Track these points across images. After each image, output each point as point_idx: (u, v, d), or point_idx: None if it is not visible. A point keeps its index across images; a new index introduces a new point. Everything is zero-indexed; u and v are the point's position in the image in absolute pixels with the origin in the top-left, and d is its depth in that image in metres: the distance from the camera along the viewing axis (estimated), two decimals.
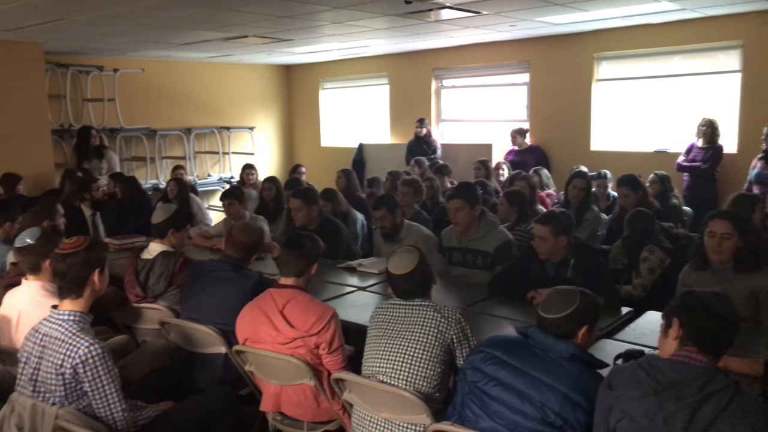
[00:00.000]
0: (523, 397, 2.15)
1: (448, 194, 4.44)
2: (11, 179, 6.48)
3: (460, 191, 4.28)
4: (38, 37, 6.84)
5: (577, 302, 2.24)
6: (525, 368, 2.19)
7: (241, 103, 10.45)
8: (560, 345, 2.20)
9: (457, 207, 4.14)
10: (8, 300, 3.18)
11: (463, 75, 9.16)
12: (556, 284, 2.46)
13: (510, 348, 2.29)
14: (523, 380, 2.17)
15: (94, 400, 2.44)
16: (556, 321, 2.23)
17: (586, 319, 2.25)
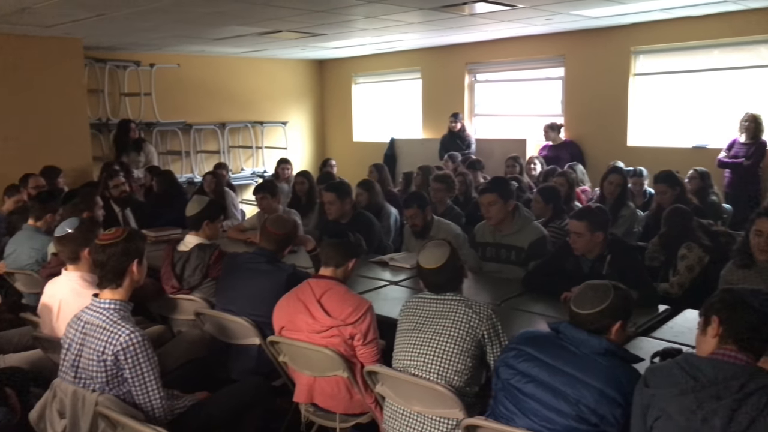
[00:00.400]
0: (557, 394, 2.13)
1: (480, 188, 4.41)
2: (52, 172, 6.63)
3: (493, 185, 4.25)
4: (78, 33, 6.98)
5: (610, 297, 2.21)
6: (558, 365, 2.17)
7: (274, 98, 10.53)
8: (593, 340, 2.17)
9: (489, 201, 4.11)
10: (49, 289, 3.26)
11: (496, 69, 9.08)
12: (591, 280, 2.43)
13: (542, 344, 2.27)
14: (557, 377, 2.15)
15: (133, 387, 2.49)
16: (589, 316, 2.21)
17: (620, 314, 2.22)
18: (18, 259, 4.42)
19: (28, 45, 6.98)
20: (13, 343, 3.75)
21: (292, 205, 6.18)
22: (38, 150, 7.02)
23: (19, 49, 6.93)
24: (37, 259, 4.32)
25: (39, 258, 4.32)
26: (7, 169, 6.48)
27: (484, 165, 7.25)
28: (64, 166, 6.89)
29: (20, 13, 5.60)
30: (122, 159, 7.89)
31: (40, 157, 6.86)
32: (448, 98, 9.33)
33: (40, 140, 7.12)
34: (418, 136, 9.81)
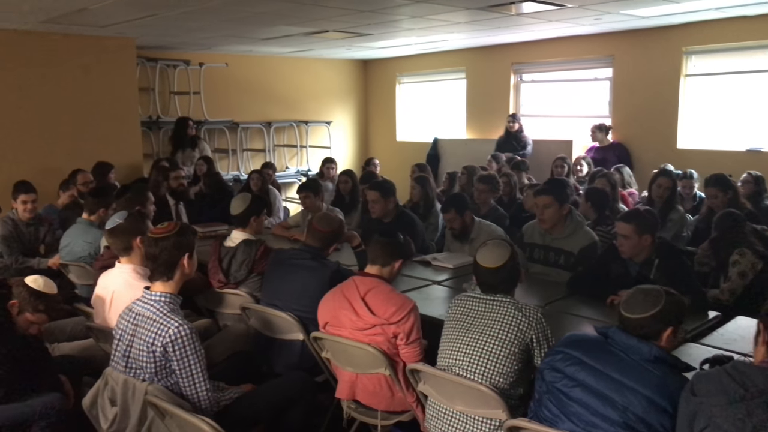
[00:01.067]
0: (605, 400, 2.10)
1: (536, 189, 4.34)
2: (103, 168, 6.83)
3: (550, 187, 4.18)
4: (131, 33, 7.17)
5: (662, 302, 2.16)
6: (606, 370, 2.14)
7: (319, 97, 10.62)
8: (643, 347, 2.13)
9: (545, 203, 4.05)
10: (102, 281, 3.37)
11: (542, 69, 8.97)
12: (638, 285, 2.38)
13: (589, 349, 2.23)
14: (604, 382, 2.12)
15: (181, 379, 2.55)
16: (640, 321, 2.16)
17: (672, 319, 2.17)
18: (72, 252, 4.58)
19: (84, 44, 7.19)
20: (66, 332, 3.88)
21: (336, 204, 6.23)
22: (92, 146, 7.23)
23: (75, 48, 7.15)
24: (90, 252, 4.47)
25: (92, 251, 4.46)
26: (62, 164, 6.70)
27: (530, 166, 7.18)
28: (115, 162, 7.08)
29: (78, 13, 5.78)
30: (178, 155, 8.08)
31: (93, 153, 7.08)
32: (493, 98, 9.27)
33: (94, 137, 7.33)
34: (462, 136, 9.77)
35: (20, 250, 5.06)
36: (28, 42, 6.81)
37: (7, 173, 6.41)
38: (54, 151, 7.03)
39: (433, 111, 10.59)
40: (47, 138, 7.02)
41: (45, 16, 5.95)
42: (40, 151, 6.96)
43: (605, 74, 8.25)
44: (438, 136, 9.89)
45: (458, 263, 4.29)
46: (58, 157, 6.97)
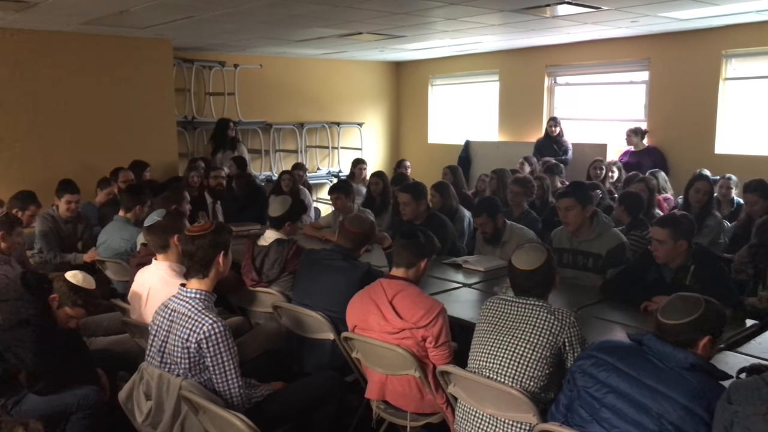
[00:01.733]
0: (638, 408, 2.07)
1: (558, 193, 4.33)
2: (140, 166, 6.97)
3: (571, 190, 4.18)
4: (168, 34, 7.30)
5: (701, 310, 2.12)
6: (640, 377, 2.11)
7: (351, 99, 10.67)
8: (679, 354, 2.10)
9: (567, 206, 4.04)
10: (139, 278, 3.44)
11: (577, 72, 8.88)
12: (673, 290, 2.35)
13: (624, 355, 2.21)
14: (639, 389, 2.09)
15: (214, 375, 2.59)
16: (676, 327, 2.13)
17: (709, 329, 2.13)
18: (109, 248, 4.68)
19: (123, 45, 7.35)
20: (102, 326, 3.97)
21: (367, 205, 6.25)
22: (128, 145, 7.38)
23: (114, 49, 7.31)
24: (126, 249, 4.57)
25: (128, 248, 4.56)
26: (99, 163, 6.85)
27: (563, 169, 7.12)
28: (151, 161, 7.22)
29: (118, 15, 5.91)
30: (218, 156, 8.20)
31: (130, 151, 7.22)
32: (527, 101, 9.21)
33: (131, 136, 7.48)
34: (494, 139, 9.72)
35: (59, 246, 5.19)
36: (69, 43, 6.98)
37: (47, 171, 6.57)
38: (92, 149, 7.19)
39: (465, 113, 10.55)
40: (85, 137, 7.18)
41: (86, 18, 6.10)
42: (79, 150, 7.11)
43: (641, 77, 8.13)
44: (470, 138, 9.85)
45: (489, 266, 4.27)
46: (95, 156, 7.12)
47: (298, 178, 7.31)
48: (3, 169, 6.53)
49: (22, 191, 4.94)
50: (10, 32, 6.59)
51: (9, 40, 6.61)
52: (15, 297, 2.94)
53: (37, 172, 6.58)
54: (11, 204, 4.84)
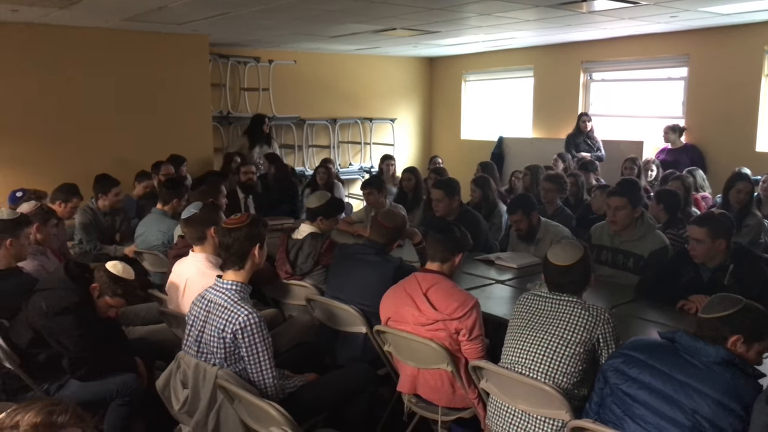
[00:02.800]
0: (671, 403, 2.07)
1: (609, 191, 4.25)
2: (177, 160, 7.09)
3: (623, 189, 4.08)
4: (205, 30, 7.39)
5: (737, 308, 2.12)
6: (672, 372, 2.10)
7: (384, 95, 10.68)
8: (710, 349, 2.10)
9: (617, 205, 3.96)
10: (177, 269, 3.50)
11: (614, 68, 8.75)
12: (710, 290, 2.35)
13: (654, 351, 2.21)
14: (671, 385, 2.09)
15: (249, 365, 2.63)
16: (708, 322, 2.15)
17: (741, 328, 2.11)
18: (146, 240, 4.78)
19: (160, 41, 7.47)
20: (140, 316, 4.06)
21: (399, 201, 6.27)
22: (165, 139, 7.49)
23: (153, 45, 7.43)
24: (163, 241, 4.66)
25: (165, 240, 4.65)
26: (136, 157, 6.99)
27: (599, 166, 7.03)
28: (187, 156, 7.33)
29: (157, 12, 6.01)
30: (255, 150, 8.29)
31: (166, 146, 7.34)
32: (562, 97, 9.11)
33: (168, 130, 7.60)
34: (528, 135, 9.64)
35: (98, 237, 5.32)
36: (109, 39, 7.12)
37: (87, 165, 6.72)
38: (129, 144, 7.32)
39: (499, 109, 10.48)
40: (124, 131, 7.31)
41: (126, 15, 6.21)
42: (117, 144, 7.25)
43: (680, 74, 7.98)
44: (503, 134, 9.79)
45: (523, 263, 4.25)
46: (133, 150, 7.25)
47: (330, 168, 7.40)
48: (45, 163, 6.70)
49: (65, 184, 5.06)
50: (54, 29, 6.76)
51: (51, 36, 6.77)
52: (58, 286, 3.03)
53: (78, 165, 6.72)
54: (54, 196, 4.97)
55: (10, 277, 3.37)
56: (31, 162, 6.69)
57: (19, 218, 3.47)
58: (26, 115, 6.72)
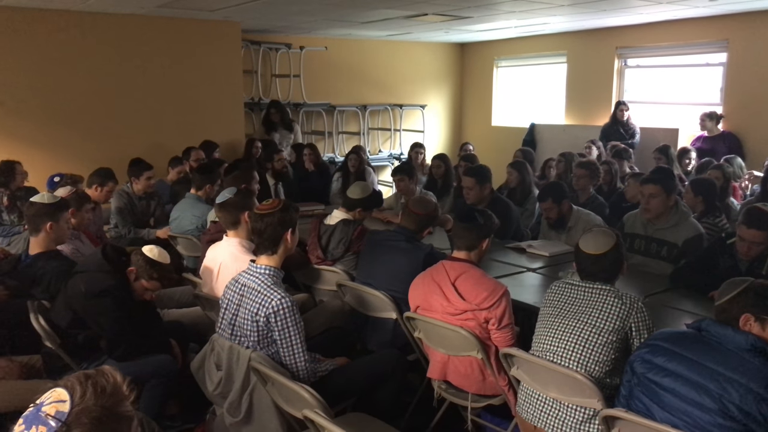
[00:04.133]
0: (699, 389, 2.06)
1: (643, 178, 4.19)
2: (210, 146, 7.18)
3: (657, 176, 4.02)
4: (237, 17, 7.44)
5: (743, 287, 2.13)
6: (700, 359, 2.10)
7: (414, 81, 10.63)
8: (739, 336, 2.08)
9: (651, 193, 3.91)
10: (210, 253, 3.56)
11: (649, 54, 8.57)
12: None
13: (680, 340, 2.20)
14: (698, 371, 2.08)
15: (281, 348, 2.67)
16: (722, 305, 2.15)
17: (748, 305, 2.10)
18: (181, 225, 4.86)
19: (193, 28, 7.53)
20: (174, 299, 4.14)
21: (428, 188, 6.26)
22: (198, 125, 7.59)
23: (186, 31, 7.50)
24: (197, 226, 4.73)
25: (199, 224, 4.72)
26: (169, 142, 7.09)
27: (632, 154, 6.92)
28: (219, 141, 7.43)
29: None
30: (275, 136, 8.35)
31: (199, 132, 7.44)
32: (595, 83, 8.97)
33: (200, 116, 7.69)
34: (560, 122, 9.52)
35: (133, 221, 5.42)
36: (143, 26, 7.21)
37: (121, 150, 6.85)
38: (163, 129, 7.43)
39: (531, 96, 10.36)
40: (157, 117, 7.42)
41: (160, 1, 6.28)
42: (150, 129, 7.36)
43: (718, 59, 7.78)
44: (535, 121, 9.69)
45: (554, 251, 4.23)
46: (166, 135, 7.36)
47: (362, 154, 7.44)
48: (82, 148, 6.84)
49: (101, 168, 5.17)
50: (89, 15, 6.86)
51: (87, 23, 6.88)
52: (97, 269, 3.11)
53: (112, 150, 6.86)
54: (90, 180, 5.07)
55: (51, 260, 3.46)
56: (68, 147, 6.83)
57: (59, 202, 3.56)
58: (63, 101, 6.85)
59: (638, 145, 7.80)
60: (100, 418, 1.28)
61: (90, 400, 1.29)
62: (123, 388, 1.35)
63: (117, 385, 1.34)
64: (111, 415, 1.30)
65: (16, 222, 5.18)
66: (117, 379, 1.35)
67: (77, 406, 1.27)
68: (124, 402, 1.34)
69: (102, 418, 1.28)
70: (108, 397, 1.31)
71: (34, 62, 6.66)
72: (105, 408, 1.29)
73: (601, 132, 8.10)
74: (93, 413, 1.28)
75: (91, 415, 1.27)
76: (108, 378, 1.34)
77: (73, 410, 1.26)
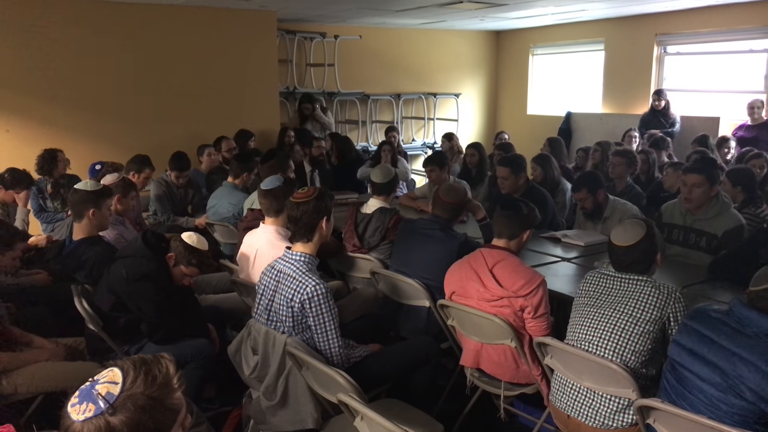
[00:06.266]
0: (713, 368, 2.07)
1: (686, 167, 4.11)
2: (245, 135, 7.26)
3: (701, 166, 3.95)
4: (273, 6, 7.48)
5: None
6: (719, 340, 2.09)
7: (449, 69, 10.57)
8: (763, 320, 2.05)
9: (694, 183, 3.85)
10: (248, 240, 3.62)
11: (690, 41, 8.37)
12: None
13: (707, 319, 2.19)
14: (714, 351, 2.08)
15: (316, 334, 2.71)
16: (757, 293, 2.10)
17: None
18: (218, 212, 4.94)
19: (230, 18, 7.60)
20: (212, 285, 4.22)
21: (462, 177, 6.24)
22: (234, 114, 7.68)
23: (222, 21, 7.57)
24: (234, 213, 4.81)
25: (236, 212, 4.79)
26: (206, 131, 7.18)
27: (670, 143, 6.78)
28: (254, 130, 7.50)
29: None
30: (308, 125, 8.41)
31: (234, 120, 7.53)
32: (634, 71, 8.80)
33: (236, 105, 7.77)
34: (597, 111, 9.38)
35: (171, 209, 5.53)
36: (180, 16, 7.30)
37: (159, 138, 6.99)
38: (199, 118, 7.52)
39: (567, 84, 10.22)
40: (194, 106, 7.52)
41: None
42: (187, 118, 7.46)
43: (762, 46, 7.56)
44: (571, 110, 9.56)
45: (590, 241, 4.19)
46: (203, 125, 7.46)
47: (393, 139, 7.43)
48: (121, 136, 6.98)
49: (138, 155, 5.28)
50: (128, 6, 6.98)
51: (126, 14, 7.00)
52: (137, 254, 3.19)
53: (151, 139, 6.99)
54: (128, 167, 5.19)
55: (93, 245, 3.56)
56: (108, 136, 6.98)
57: (101, 190, 3.65)
58: (103, 91, 6.99)
59: (678, 134, 7.63)
60: (144, 407, 1.31)
61: (139, 387, 1.32)
62: (174, 380, 1.37)
63: (169, 376, 1.37)
64: (157, 405, 1.33)
65: (59, 209, 5.34)
66: (170, 370, 1.38)
67: (127, 391, 1.31)
68: (173, 394, 1.37)
69: (147, 407, 1.31)
70: (157, 387, 1.34)
71: (74, 53, 6.79)
72: (151, 398, 1.32)
73: (640, 121, 7.95)
74: (139, 401, 1.31)
75: (138, 403, 1.31)
76: (161, 368, 1.37)
77: (122, 394, 1.30)
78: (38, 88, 6.63)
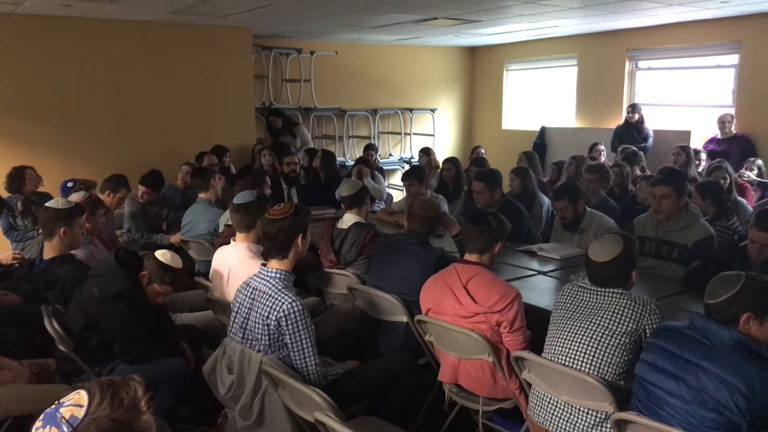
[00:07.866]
0: (679, 382, 2.09)
1: (654, 179, 4.18)
2: (220, 151, 7.21)
3: (668, 178, 4.02)
4: (248, 22, 7.48)
5: (739, 285, 2.10)
6: (682, 353, 2.12)
7: (425, 85, 10.65)
8: (723, 331, 2.08)
9: (662, 194, 3.90)
10: (219, 257, 3.58)
11: (660, 56, 8.55)
12: None
13: (670, 334, 2.22)
14: (678, 364, 2.11)
15: (292, 352, 2.68)
16: (715, 306, 2.13)
17: (749, 304, 2.08)
18: (194, 229, 4.89)
19: (205, 34, 7.58)
20: (187, 303, 4.16)
21: (439, 191, 6.25)
22: (209, 130, 7.63)
23: (197, 37, 7.55)
24: (209, 230, 4.76)
25: (211, 229, 4.75)
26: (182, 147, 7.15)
27: (642, 157, 6.89)
28: (231, 147, 7.47)
29: (202, 4, 6.11)
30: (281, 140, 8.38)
31: (210, 137, 7.48)
32: (606, 86, 8.94)
33: (211, 121, 7.74)
34: (571, 125, 9.50)
35: (145, 226, 5.46)
36: (155, 32, 7.27)
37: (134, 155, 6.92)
38: (175, 134, 7.48)
39: (541, 99, 10.34)
40: (169, 122, 7.48)
41: (172, 8, 6.33)
42: (163, 135, 7.42)
43: (730, 61, 7.74)
44: (545, 124, 9.67)
45: (565, 254, 4.21)
46: (178, 141, 7.42)
47: (370, 158, 7.42)
48: (94, 153, 6.90)
49: (114, 175, 5.20)
50: (102, 22, 6.93)
51: (99, 30, 6.95)
52: (110, 272, 3.13)
53: (125, 155, 6.92)
54: (104, 186, 5.11)
55: (64, 264, 3.49)
56: (81, 152, 6.90)
57: (73, 208, 3.59)
58: (75, 106, 6.92)
59: (651, 148, 7.75)
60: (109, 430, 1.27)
61: (105, 410, 1.28)
62: (141, 403, 1.34)
63: (136, 399, 1.33)
64: (122, 428, 1.29)
65: (30, 227, 5.24)
66: (138, 392, 1.34)
67: (91, 414, 1.27)
68: (140, 416, 1.33)
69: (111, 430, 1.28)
70: (124, 410, 1.30)
71: (48, 68, 6.72)
72: (117, 421, 1.29)
73: (613, 134, 8.07)
74: (104, 425, 1.27)
75: (102, 427, 1.27)
76: (129, 390, 1.33)
77: (86, 417, 1.27)
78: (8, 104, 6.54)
